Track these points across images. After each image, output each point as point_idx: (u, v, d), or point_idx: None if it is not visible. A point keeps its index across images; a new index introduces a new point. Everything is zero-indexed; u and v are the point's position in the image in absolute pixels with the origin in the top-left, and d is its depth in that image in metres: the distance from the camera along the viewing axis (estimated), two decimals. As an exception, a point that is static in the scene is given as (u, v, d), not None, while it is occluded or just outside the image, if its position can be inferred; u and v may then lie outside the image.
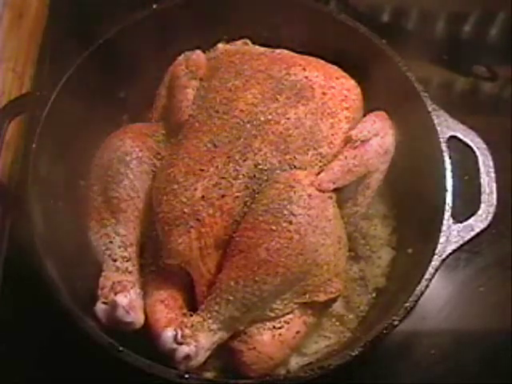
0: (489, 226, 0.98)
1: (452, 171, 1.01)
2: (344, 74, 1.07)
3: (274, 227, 0.92)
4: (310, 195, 0.94)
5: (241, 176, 0.96)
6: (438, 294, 1.12)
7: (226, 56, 1.08)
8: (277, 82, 1.02)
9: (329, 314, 1.03)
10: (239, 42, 1.13)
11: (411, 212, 1.09)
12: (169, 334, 0.92)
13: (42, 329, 1.05)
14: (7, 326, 1.08)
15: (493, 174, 1.01)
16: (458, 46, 1.43)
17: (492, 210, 0.99)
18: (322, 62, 1.08)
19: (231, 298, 0.92)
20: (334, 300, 0.99)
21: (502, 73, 1.38)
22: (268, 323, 0.95)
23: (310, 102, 1.01)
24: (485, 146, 1.03)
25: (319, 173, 0.98)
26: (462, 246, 0.97)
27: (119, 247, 1.00)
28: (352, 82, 1.07)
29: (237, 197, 0.95)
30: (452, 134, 1.03)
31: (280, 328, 0.96)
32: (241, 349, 0.95)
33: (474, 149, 1.02)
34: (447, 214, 0.98)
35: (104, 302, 0.95)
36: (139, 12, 1.13)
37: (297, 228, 0.92)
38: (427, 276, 0.94)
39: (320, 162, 0.99)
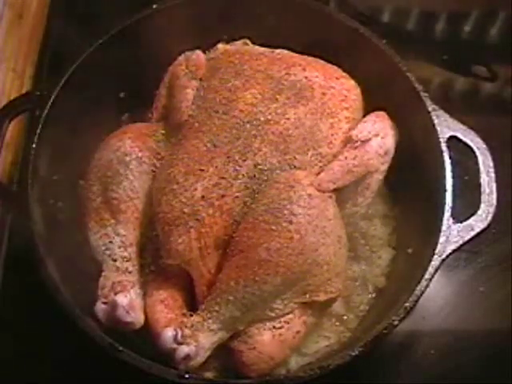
0: (489, 225, 0.98)
1: (452, 171, 1.01)
2: (344, 74, 1.07)
3: (274, 227, 0.92)
4: (310, 195, 0.94)
5: (241, 176, 0.96)
6: (437, 294, 1.12)
7: (225, 56, 1.08)
8: (276, 82, 1.02)
9: (329, 313, 1.03)
10: (239, 42, 1.13)
11: (411, 212, 1.09)
12: (169, 333, 0.92)
13: (42, 329, 1.05)
14: (7, 325, 1.08)
15: (493, 174, 1.00)
16: (458, 46, 1.43)
17: (492, 210, 0.98)
18: (322, 62, 1.08)
19: (231, 297, 0.92)
20: (333, 300, 0.99)
21: (501, 73, 1.38)
22: (268, 323, 0.95)
23: (310, 102, 1.01)
24: (485, 146, 1.02)
25: (319, 173, 0.98)
26: (461, 246, 0.97)
27: (119, 247, 1.00)
28: (352, 82, 1.07)
29: (237, 197, 0.95)
30: (452, 134, 1.03)
31: (280, 328, 0.95)
32: (241, 349, 0.95)
33: (474, 149, 1.02)
34: (447, 214, 0.98)
35: (104, 302, 0.95)
36: (139, 12, 1.13)
37: (297, 228, 0.92)
38: (427, 276, 0.94)
39: (320, 162, 0.99)
